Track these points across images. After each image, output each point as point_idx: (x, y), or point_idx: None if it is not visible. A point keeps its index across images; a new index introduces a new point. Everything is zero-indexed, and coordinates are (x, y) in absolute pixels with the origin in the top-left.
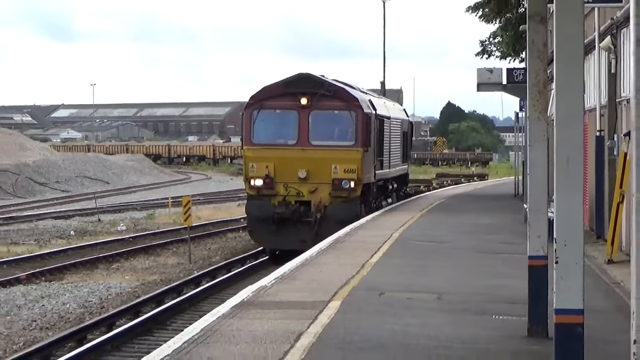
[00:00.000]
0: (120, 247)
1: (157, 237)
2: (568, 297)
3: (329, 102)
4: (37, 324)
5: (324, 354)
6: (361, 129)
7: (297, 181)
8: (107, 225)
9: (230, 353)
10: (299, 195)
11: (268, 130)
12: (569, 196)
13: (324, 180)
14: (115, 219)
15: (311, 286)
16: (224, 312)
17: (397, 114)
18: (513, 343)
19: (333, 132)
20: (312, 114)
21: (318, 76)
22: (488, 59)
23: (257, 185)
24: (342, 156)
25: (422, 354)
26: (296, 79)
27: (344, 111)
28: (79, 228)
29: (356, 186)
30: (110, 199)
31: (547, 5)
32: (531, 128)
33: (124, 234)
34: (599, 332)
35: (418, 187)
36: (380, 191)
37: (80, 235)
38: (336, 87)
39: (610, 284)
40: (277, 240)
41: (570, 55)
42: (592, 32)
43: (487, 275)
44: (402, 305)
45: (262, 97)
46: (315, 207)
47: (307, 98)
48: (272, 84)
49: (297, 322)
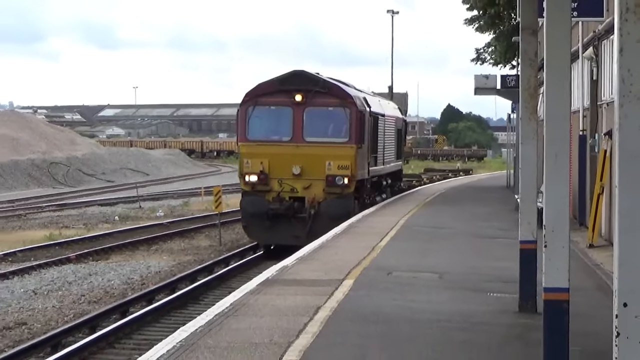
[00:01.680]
0: (159, 231)
1: (191, 222)
2: (555, 277)
3: (323, 99)
4: (86, 298)
5: (339, 326)
6: (355, 126)
7: (292, 177)
8: (147, 211)
9: (256, 324)
10: (293, 192)
11: (263, 126)
12: (556, 188)
13: (318, 176)
14: (154, 206)
15: (327, 266)
16: (250, 289)
17: (391, 111)
18: (506, 317)
19: (327, 128)
20: (307, 110)
21: (312, 73)
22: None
23: (252, 181)
24: (336, 153)
25: (425, 326)
26: (291, 76)
27: (338, 108)
28: (122, 214)
29: (350, 182)
30: (150, 189)
31: (537, 19)
32: (523, 127)
33: (162, 219)
34: (582, 308)
35: (410, 181)
36: (374, 187)
37: (123, 220)
38: (330, 84)
39: (591, 265)
40: (271, 235)
41: (558, 63)
42: (576, 43)
43: (483, 257)
44: (408, 283)
45: (257, 93)
46: (309, 203)
47: (302, 95)
48: (267, 80)
49: (315, 298)
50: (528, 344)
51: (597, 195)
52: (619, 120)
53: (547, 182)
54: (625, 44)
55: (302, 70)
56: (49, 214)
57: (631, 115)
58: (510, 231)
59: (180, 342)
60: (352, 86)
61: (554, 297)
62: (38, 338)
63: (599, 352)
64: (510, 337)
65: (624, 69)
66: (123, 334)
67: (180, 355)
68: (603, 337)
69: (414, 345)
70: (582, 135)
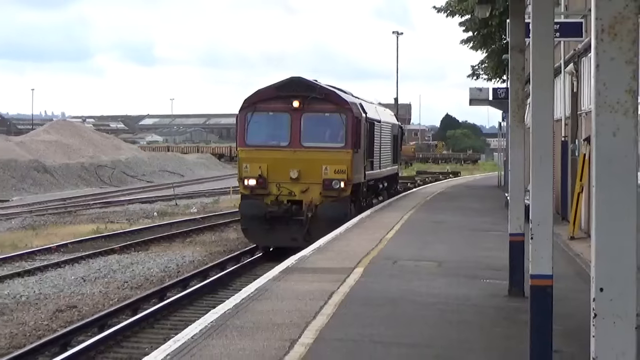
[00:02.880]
0: (193, 225)
1: (221, 218)
2: (541, 265)
3: (320, 105)
4: (128, 284)
5: (351, 308)
6: (351, 131)
7: (289, 181)
8: (182, 208)
9: (278, 307)
10: (290, 195)
11: (261, 132)
12: (541, 187)
13: (315, 180)
14: (189, 203)
15: (340, 256)
16: (273, 276)
17: (388, 118)
18: (497, 300)
19: (324, 134)
20: (304, 116)
21: (310, 80)
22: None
23: (251, 185)
24: (332, 157)
25: (426, 308)
26: (288, 83)
27: (335, 114)
28: (161, 210)
29: (346, 186)
30: (185, 188)
31: (524, 39)
32: (512, 134)
33: (196, 215)
34: (563, 292)
35: (406, 184)
36: (370, 190)
37: (161, 216)
38: (327, 91)
39: (572, 255)
40: (269, 238)
41: (542, 77)
42: (558, 59)
43: (477, 248)
44: (411, 271)
45: (256, 100)
46: (307, 206)
47: (299, 101)
48: (266, 87)
49: (330, 284)
50: (516, 324)
51: (577, 194)
52: (596, 127)
53: (533, 182)
54: (601, 60)
55: (300, 77)
56: (96, 210)
57: (606, 123)
58: (500, 225)
59: (212, 323)
60: (350, 93)
61: (540, 283)
62: (87, 319)
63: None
64: (500, 318)
65: (600, 83)
66: (161, 316)
67: (211, 334)
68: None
69: (416, 324)
70: (564, 141)
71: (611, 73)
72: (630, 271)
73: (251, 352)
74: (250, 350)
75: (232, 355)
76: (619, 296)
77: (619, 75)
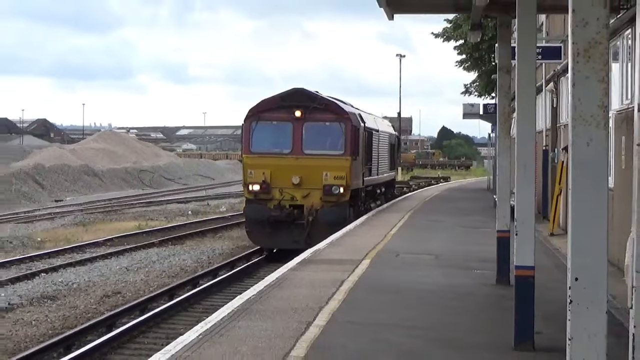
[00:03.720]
0: (222, 222)
1: None
2: (524, 258)
3: (320, 114)
4: (166, 273)
5: (359, 294)
6: (350, 140)
7: (291, 187)
8: (213, 207)
9: (295, 294)
10: (292, 200)
11: (265, 140)
12: (525, 190)
13: (316, 186)
14: (219, 203)
15: (350, 249)
16: (291, 266)
17: (385, 128)
18: (486, 288)
19: (324, 142)
20: (305, 125)
21: (311, 91)
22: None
23: (255, 190)
24: (332, 164)
25: (424, 295)
26: (291, 93)
27: (335, 123)
28: (194, 209)
29: (345, 191)
30: (215, 190)
31: (511, 61)
32: (499, 143)
33: (225, 213)
34: (544, 281)
35: (401, 188)
36: (369, 195)
37: (195, 214)
38: (327, 101)
39: (551, 249)
40: (272, 240)
41: (526, 94)
42: (540, 79)
43: (469, 243)
44: (411, 263)
45: (260, 109)
46: (308, 211)
47: (301, 111)
48: (269, 97)
49: (341, 273)
50: (503, 309)
51: (556, 196)
52: (572, 138)
53: (518, 185)
54: (576, 79)
55: (302, 88)
56: (138, 209)
57: (581, 134)
58: (489, 223)
59: (237, 307)
60: (349, 104)
61: (523, 273)
62: (129, 304)
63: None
64: (488, 304)
65: (575, 99)
66: (194, 301)
67: (238, 317)
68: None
69: (415, 309)
70: (545, 149)
71: (586, 90)
72: (601, 263)
73: (272, 332)
74: (271, 330)
75: (256, 335)
76: (592, 285)
77: (592, 93)
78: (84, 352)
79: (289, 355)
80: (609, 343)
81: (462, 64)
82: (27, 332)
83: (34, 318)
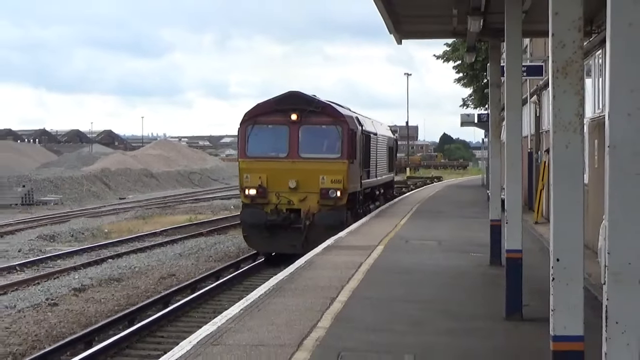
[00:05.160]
0: None
1: None
2: (513, 242)
3: (317, 117)
4: (213, 258)
5: (375, 274)
6: (347, 143)
7: (288, 191)
8: None
9: (321, 274)
10: (289, 204)
11: (261, 143)
12: (513, 186)
13: (313, 189)
14: None
15: (367, 237)
16: (317, 252)
17: (384, 132)
18: (481, 268)
19: (321, 145)
20: (302, 128)
21: (307, 94)
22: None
23: (251, 195)
24: (329, 168)
25: (430, 274)
26: (287, 97)
27: (331, 126)
28: (236, 204)
29: (342, 195)
30: None
31: (500, 78)
32: (491, 147)
33: None
34: (530, 262)
35: (400, 188)
36: (367, 197)
37: (236, 209)
38: (324, 104)
39: (536, 235)
40: (269, 244)
41: (513, 106)
42: (525, 92)
43: (467, 230)
44: (418, 247)
45: (256, 113)
46: (305, 215)
47: (297, 114)
48: (265, 101)
49: (359, 257)
50: (495, 286)
51: (540, 190)
52: (553, 142)
53: (507, 182)
54: (556, 92)
55: (297, 91)
56: (189, 205)
57: (560, 138)
58: (483, 213)
59: (273, 286)
60: (347, 108)
61: (513, 256)
62: (182, 284)
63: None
64: (484, 282)
65: (556, 109)
66: (237, 281)
67: (273, 293)
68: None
69: (422, 285)
70: (530, 152)
71: (564, 102)
72: (578, 246)
73: (302, 306)
74: (301, 305)
75: (289, 309)
76: (570, 265)
77: (569, 103)
78: (145, 325)
79: (317, 326)
80: (586, 314)
81: (460, 80)
82: (97, 308)
83: (103, 296)
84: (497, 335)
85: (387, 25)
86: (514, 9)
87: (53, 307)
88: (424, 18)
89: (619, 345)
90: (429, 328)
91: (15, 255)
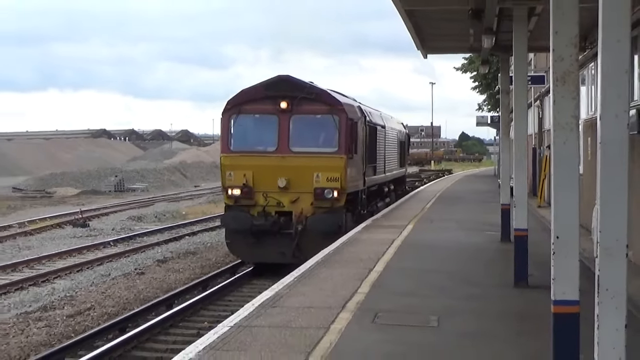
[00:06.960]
0: None
1: None
2: (520, 222)
3: (310, 105)
4: None
5: (405, 249)
6: (345, 135)
7: (277, 190)
8: None
9: (361, 249)
10: (279, 206)
11: (246, 136)
12: (520, 175)
13: (306, 189)
14: None
15: (399, 218)
16: (358, 230)
17: (394, 125)
18: (494, 244)
19: (315, 138)
20: (293, 118)
21: (299, 79)
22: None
23: (235, 195)
24: (324, 163)
25: (451, 248)
26: (276, 81)
27: (327, 115)
28: None
29: (340, 195)
30: None
31: (509, 85)
32: (502, 143)
33: None
34: (534, 239)
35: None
36: (373, 196)
37: None
38: (318, 90)
39: (539, 217)
40: (255, 253)
41: (520, 109)
42: (530, 98)
43: (482, 212)
44: (441, 227)
45: (241, 101)
46: (296, 218)
47: (287, 102)
48: (251, 86)
49: (392, 234)
50: (506, 259)
51: (542, 180)
52: (553, 139)
53: (515, 172)
54: (556, 98)
55: (288, 75)
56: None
57: (559, 136)
58: (495, 199)
59: (321, 259)
60: (350, 97)
61: (520, 234)
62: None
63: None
64: (497, 255)
65: (555, 111)
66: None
67: (321, 266)
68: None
69: (446, 258)
70: (534, 148)
71: (562, 105)
72: (574, 226)
73: (345, 275)
74: (345, 274)
75: (334, 277)
76: (568, 241)
77: (567, 107)
78: (216, 290)
79: (357, 291)
80: (581, 283)
81: (476, 88)
82: (176, 277)
83: (181, 267)
84: (507, 299)
85: (415, 42)
86: (521, 29)
87: (140, 275)
88: (445, 37)
89: (609, 308)
90: (450, 293)
91: (109, 233)
